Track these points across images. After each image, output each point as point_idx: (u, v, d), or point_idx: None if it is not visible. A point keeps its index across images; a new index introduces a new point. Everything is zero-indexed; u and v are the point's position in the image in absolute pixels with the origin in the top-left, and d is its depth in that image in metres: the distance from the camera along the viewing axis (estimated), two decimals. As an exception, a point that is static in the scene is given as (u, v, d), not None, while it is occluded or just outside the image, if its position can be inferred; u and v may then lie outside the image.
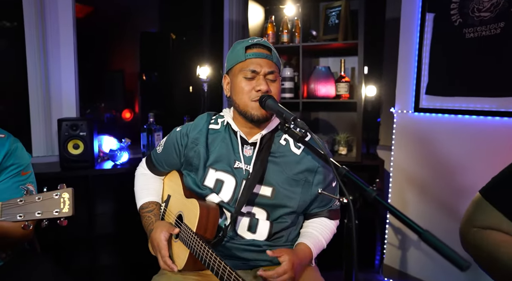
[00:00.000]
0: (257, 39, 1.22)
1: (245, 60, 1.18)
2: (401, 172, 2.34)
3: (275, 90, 1.19)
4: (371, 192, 0.76)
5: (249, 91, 1.17)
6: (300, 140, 0.96)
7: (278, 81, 1.21)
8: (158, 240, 1.21)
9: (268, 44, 1.22)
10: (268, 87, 1.16)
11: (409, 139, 2.31)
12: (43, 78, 2.43)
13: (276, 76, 1.20)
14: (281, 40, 2.55)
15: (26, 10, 2.35)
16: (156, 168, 1.41)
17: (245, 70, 1.17)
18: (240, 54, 1.19)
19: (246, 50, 1.19)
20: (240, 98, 1.19)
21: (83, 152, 2.06)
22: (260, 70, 1.17)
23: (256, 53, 1.18)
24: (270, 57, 1.19)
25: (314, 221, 1.28)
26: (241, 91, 1.18)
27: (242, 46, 1.19)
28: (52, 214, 0.95)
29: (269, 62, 1.18)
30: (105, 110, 3.77)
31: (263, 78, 1.16)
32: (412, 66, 2.28)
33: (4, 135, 1.30)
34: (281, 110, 1.06)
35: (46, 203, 0.96)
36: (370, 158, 2.55)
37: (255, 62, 1.17)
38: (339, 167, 0.84)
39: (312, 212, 1.28)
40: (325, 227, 1.28)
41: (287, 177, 1.19)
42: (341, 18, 2.42)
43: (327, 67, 2.55)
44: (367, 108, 2.89)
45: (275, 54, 1.22)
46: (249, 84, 1.17)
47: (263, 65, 1.17)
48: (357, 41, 2.30)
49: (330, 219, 1.28)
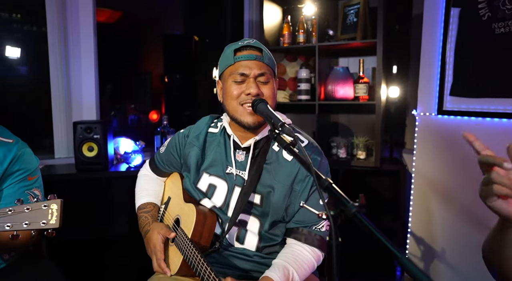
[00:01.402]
0: (247, 40, 1.17)
1: (234, 64, 1.13)
2: (423, 178, 2.20)
3: (268, 93, 1.13)
4: (351, 207, 0.68)
5: (238, 95, 1.12)
6: (286, 147, 0.90)
7: (272, 83, 1.16)
8: (154, 241, 1.20)
9: (259, 44, 1.16)
10: (258, 90, 1.11)
11: (432, 143, 2.16)
12: (64, 81, 2.52)
13: (268, 77, 1.14)
14: (297, 40, 2.48)
15: (49, 14, 2.45)
16: (159, 168, 1.41)
17: (234, 73, 1.13)
18: (229, 58, 1.14)
19: (235, 53, 1.14)
20: (229, 103, 1.15)
21: (97, 155, 2.09)
22: (250, 72, 1.11)
23: (245, 55, 1.13)
24: (261, 58, 1.13)
25: (288, 251, 1.14)
26: (230, 95, 1.14)
27: (232, 49, 1.15)
28: (39, 225, 0.95)
29: (260, 63, 1.13)
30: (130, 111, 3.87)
31: (253, 81, 1.11)
32: (435, 65, 2.13)
33: (12, 140, 1.33)
34: (271, 115, 1.00)
35: (34, 214, 0.96)
36: (392, 163, 2.41)
37: (244, 64, 1.12)
38: (322, 178, 0.77)
39: (290, 227, 1.17)
40: (301, 260, 1.10)
41: (277, 185, 1.14)
42: (359, 16, 2.31)
43: (346, 68, 2.45)
44: (390, 110, 2.75)
45: (267, 54, 1.16)
46: (238, 88, 1.12)
47: (253, 67, 1.12)
48: (375, 40, 2.18)
49: (310, 246, 1.12)
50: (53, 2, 2.45)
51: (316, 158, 1.16)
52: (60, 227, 0.96)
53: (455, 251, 2.06)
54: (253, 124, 1.12)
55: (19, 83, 2.46)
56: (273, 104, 1.15)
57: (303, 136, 1.21)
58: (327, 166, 1.20)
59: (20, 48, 2.45)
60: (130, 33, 3.70)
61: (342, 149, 2.42)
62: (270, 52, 1.20)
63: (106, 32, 3.65)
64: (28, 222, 0.94)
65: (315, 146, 1.19)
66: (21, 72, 2.45)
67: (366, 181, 2.38)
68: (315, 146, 1.19)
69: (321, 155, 1.18)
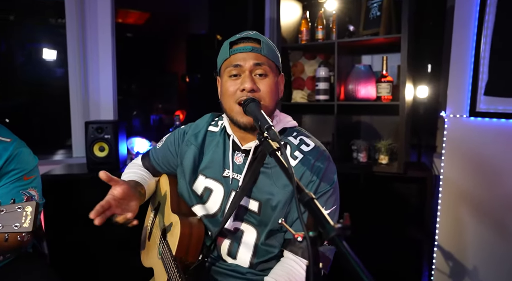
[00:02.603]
0: (246, 32, 1.07)
1: (230, 57, 1.04)
2: (452, 187, 2.00)
3: (265, 88, 1.02)
4: (330, 231, 0.57)
5: (234, 92, 1.02)
6: (271, 153, 0.79)
7: (272, 78, 1.04)
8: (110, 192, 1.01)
9: (258, 36, 1.06)
10: (253, 85, 1.00)
11: (462, 148, 1.96)
12: (82, 81, 2.55)
13: (265, 69, 1.03)
14: (316, 37, 2.34)
15: (68, 15, 2.48)
16: (152, 165, 1.30)
17: (229, 67, 1.03)
18: (226, 51, 1.05)
19: (232, 46, 1.04)
20: (226, 101, 1.05)
21: (108, 155, 2.08)
22: (244, 64, 1.01)
23: (241, 48, 1.03)
24: (258, 49, 1.03)
25: (282, 268, 1.01)
26: (226, 92, 1.04)
27: (228, 42, 1.06)
28: (12, 228, 0.91)
29: (257, 55, 1.02)
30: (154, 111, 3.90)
31: (249, 75, 1.01)
32: (467, 62, 1.92)
33: (10, 139, 1.32)
34: (260, 116, 0.90)
35: (8, 216, 0.92)
36: (418, 169, 2.21)
37: (240, 57, 1.02)
38: (303, 191, 0.66)
39: (287, 238, 1.04)
40: (295, 279, 0.98)
41: (278, 191, 1.02)
42: (383, 10, 2.14)
43: (368, 66, 2.28)
44: (419, 111, 2.55)
45: (268, 46, 1.05)
46: (234, 84, 1.02)
47: (248, 59, 1.01)
48: (399, 35, 2.00)
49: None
50: (72, 3, 2.48)
51: (320, 166, 1.03)
52: (33, 231, 0.91)
53: (488, 270, 1.85)
54: (250, 124, 1.02)
55: (56, 84, 2.53)
56: (272, 102, 1.04)
57: (310, 140, 1.09)
58: (335, 174, 1.07)
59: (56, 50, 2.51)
60: (158, 33, 3.74)
61: (363, 153, 2.25)
62: (273, 45, 1.09)
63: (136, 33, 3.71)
64: (2, 225, 0.91)
65: (322, 150, 1.07)
66: (57, 73, 2.53)
67: (389, 188, 2.19)
68: (322, 151, 1.07)
69: (327, 160, 1.06)
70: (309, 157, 1.03)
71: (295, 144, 1.06)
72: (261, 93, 1.02)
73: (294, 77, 2.59)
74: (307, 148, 1.05)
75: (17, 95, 2.90)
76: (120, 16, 3.63)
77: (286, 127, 1.11)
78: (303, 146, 1.06)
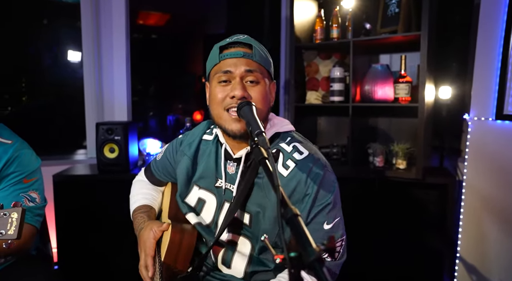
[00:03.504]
0: (237, 36, 1.02)
1: (219, 62, 0.98)
2: (476, 194, 1.87)
3: (257, 96, 0.96)
4: (311, 253, 0.50)
5: (223, 99, 0.97)
6: (260, 161, 0.73)
7: (263, 85, 0.99)
8: (145, 238, 1.04)
9: (249, 40, 1.00)
10: (244, 92, 0.94)
11: (487, 153, 1.82)
12: (97, 82, 2.57)
13: (257, 76, 0.97)
14: (331, 36, 2.25)
15: (84, 16, 2.51)
16: (154, 176, 1.28)
17: (218, 73, 0.98)
18: (215, 56, 1.00)
19: (222, 50, 0.99)
20: (214, 109, 1.00)
21: (118, 156, 2.08)
22: (235, 70, 0.96)
23: (232, 53, 0.97)
24: (249, 55, 0.97)
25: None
26: (214, 99, 0.99)
27: (218, 46, 1.00)
28: None
29: (248, 61, 0.97)
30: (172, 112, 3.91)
31: (239, 82, 0.95)
32: (494, 61, 1.79)
33: (11, 141, 1.31)
34: (252, 121, 0.84)
35: None
36: (439, 174, 2.07)
37: (230, 62, 0.97)
38: (288, 207, 0.59)
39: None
40: None
41: (269, 204, 0.96)
42: (401, 6, 2.02)
43: (385, 65, 2.17)
44: (441, 113, 2.40)
45: (260, 52, 0.99)
46: (223, 90, 0.97)
47: (239, 64, 0.96)
48: (419, 33, 1.88)
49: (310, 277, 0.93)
50: (88, 5, 2.50)
51: (319, 172, 0.95)
52: (19, 238, 0.88)
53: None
54: (239, 132, 0.96)
55: (79, 85, 2.59)
56: (263, 109, 0.98)
57: (304, 147, 1.01)
58: (334, 183, 0.98)
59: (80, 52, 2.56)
60: (178, 34, 3.76)
61: (379, 157, 2.14)
62: (265, 50, 1.03)
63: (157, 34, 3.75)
64: None
65: (316, 158, 0.99)
66: (81, 75, 2.59)
67: (407, 194, 2.07)
68: (316, 159, 0.98)
69: (324, 168, 0.97)
70: (302, 167, 0.96)
71: (288, 151, 0.99)
72: (253, 100, 0.96)
73: (308, 77, 2.51)
74: (300, 156, 0.98)
75: (43, 96, 2.99)
76: (141, 18, 3.67)
77: (279, 132, 1.04)
78: (295, 154, 0.98)
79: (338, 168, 1.05)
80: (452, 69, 2.44)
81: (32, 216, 1.27)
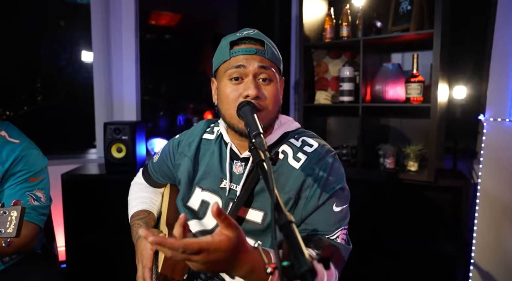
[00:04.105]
0: (247, 31, 0.98)
1: (230, 59, 0.94)
2: (491, 197, 1.80)
3: (270, 95, 0.94)
4: (302, 264, 0.47)
5: (236, 99, 0.93)
6: (258, 164, 0.70)
7: (275, 83, 0.96)
8: (142, 248, 1.04)
9: (260, 36, 0.97)
10: (258, 91, 0.91)
11: (504, 156, 1.75)
12: (106, 82, 2.59)
13: (270, 74, 0.94)
14: (341, 34, 2.20)
15: (94, 16, 2.53)
16: (151, 178, 1.26)
17: (230, 69, 0.94)
18: (225, 52, 0.96)
19: (232, 46, 0.95)
20: (226, 108, 0.96)
21: (125, 156, 2.08)
22: (248, 65, 0.92)
23: (244, 49, 0.93)
24: (262, 52, 0.94)
25: None
26: (226, 98, 0.95)
27: (227, 41, 0.96)
28: None
29: (261, 58, 0.93)
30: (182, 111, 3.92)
31: (253, 80, 0.92)
32: (510, 59, 1.71)
33: (18, 140, 1.32)
34: (251, 122, 0.81)
35: None
36: (452, 177, 2.00)
37: (242, 59, 0.93)
38: (283, 213, 0.56)
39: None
40: None
41: (283, 197, 0.94)
42: (414, 4, 1.96)
43: (397, 65, 2.11)
44: (455, 113, 2.33)
45: (271, 48, 0.96)
46: (235, 89, 0.93)
47: (252, 62, 0.93)
48: (432, 31, 1.82)
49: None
50: (98, 5, 2.52)
51: (328, 159, 0.95)
52: (18, 236, 0.88)
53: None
54: None
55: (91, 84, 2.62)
56: (275, 108, 0.96)
57: (313, 140, 1.00)
58: (343, 172, 0.97)
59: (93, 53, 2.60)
60: (189, 34, 3.76)
61: (390, 159, 2.08)
62: (275, 46, 1.00)
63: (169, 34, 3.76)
64: None
65: (327, 148, 0.98)
66: (92, 74, 2.62)
67: (419, 198, 2.01)
68: (327, 149, 0.98)
69: (331, 158, 0.96)
70: (313, 157, 0.95)
71: (297, 146, 0.98)
72: (267, 99, 0.93)
73: (318, 77, 2.46)
74: (310, 148, 0.97)
75: (58, 96, 3.03)
76: (153, 18, 3.68)
77: (288, 131, 1.02)
78: (306, 147, 0.97)
79: (347, 170, 1.03)
80: (467, 68, 2.37)
81: (37, 215, 1.28)
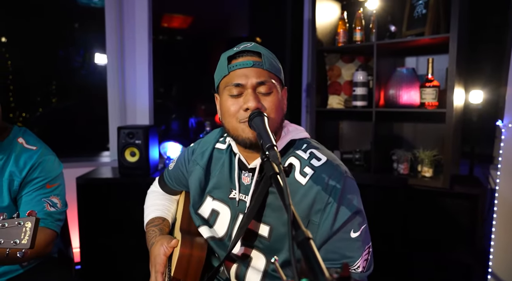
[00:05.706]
0: (244, 44, 0.98)
1: (229, 74, 0.95)
2: (510, 206, 1.75)
3: (270, 105, 0.93)
4: (321, 283, 0.46)
5: (236, 112, 0.93)
6: (271, 176, 0.70)
7: (276, 93, 0.95)
8: (156, 253, 1.06)
9: (258, 48, 0.96)
10: (257, 103, 0.91)
11: (522, 164, 1.70)
12: (120, 86, 2.62)
13: (270, 87, 0.94)
14: (354, 38, 2.18)
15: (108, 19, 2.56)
16: (167, 185, 1.28)
17: (229, 85, 0.94)
18: (223, 67, 0.96)
19: (230, 61, 0.95)
20: (228, 122, 0.96)
21: (138, 160, 2.10)
22: (246, 82, 0.92)
23: (241, 63, 0.93)
24: (260, 64, 0.93)
25: None
26: (227, 112, 0.95)
27: (226, 56, 0.97)
28: (10, 244, 0.89)
29: (259, 70, 0.93)
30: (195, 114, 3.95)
31: (252, 93, 0.92)
32: (530, 64, 1.67)
33: (35, 147, 1.34)
34: (263, 133, 0.81)
35: (9, 231, 0.90)
36: (468, 184, 1.96)
37: (240, 73, 0.93)
38: (300, 229, 0.56)
39: None
40: None
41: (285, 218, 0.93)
42: (429, 7, 1.93)
43: (411, 69, 2.08)
44: (472, 118, 2.29)
45: (269, 59, 0.96)
46: (235, 103, 0.94)
47: (250, 76, 0.92)
48: (448, 35, 1.79)
49: None
50: (111, 9, 2.55)
51: (335, 185, 0.91)
52: (32, 248, 0.88)
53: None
54: (255, 140, 0.92)
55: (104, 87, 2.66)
56: (277, 118, 0.95)
57: (321, 153, 0.97)
58: (356, 189, 0.94)
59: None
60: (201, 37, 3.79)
61: (404, 164, 2.05)
62: (274, 56, 0.99)
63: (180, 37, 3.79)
64: (2, 240, 0.89)
65: (335, 165, 0.94)
66: (106, 77, 2.66)
67: (433, 204, 1.98)
68: (335, 166, 0.94)
69: (344, 175, 0.93)
70: (321, 173, 0.92)
71: (305, 158, 0.96)
72: (267, 111, 0.93)
73: (331, 81, 2.45)
74: (318, 162, 0.94)
75: (72, 98, 3.08)
76: (166, 21, 3.71)
77: (295, 139, 1.01)
78: (313, 160, 0.95)
79: (360, 175, 1.01)
80: (485, 72, 2.32)
81: (53, 221, 1.29)
